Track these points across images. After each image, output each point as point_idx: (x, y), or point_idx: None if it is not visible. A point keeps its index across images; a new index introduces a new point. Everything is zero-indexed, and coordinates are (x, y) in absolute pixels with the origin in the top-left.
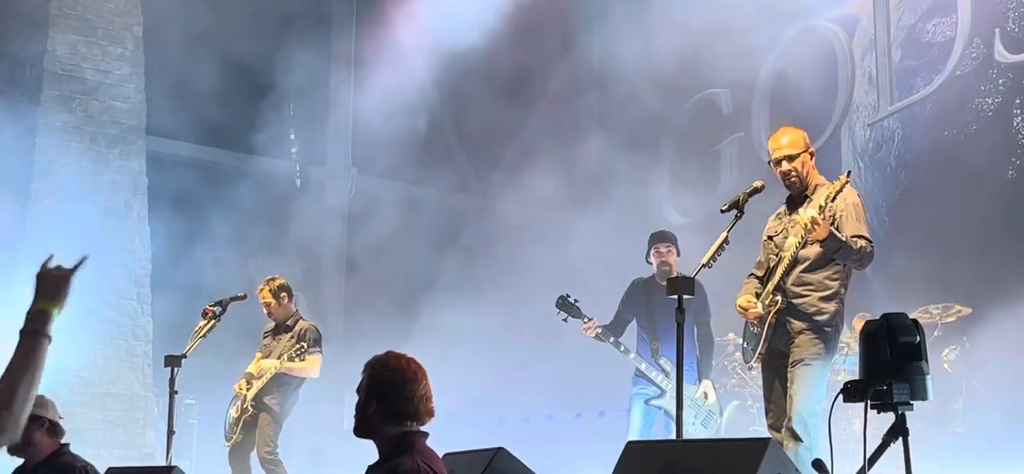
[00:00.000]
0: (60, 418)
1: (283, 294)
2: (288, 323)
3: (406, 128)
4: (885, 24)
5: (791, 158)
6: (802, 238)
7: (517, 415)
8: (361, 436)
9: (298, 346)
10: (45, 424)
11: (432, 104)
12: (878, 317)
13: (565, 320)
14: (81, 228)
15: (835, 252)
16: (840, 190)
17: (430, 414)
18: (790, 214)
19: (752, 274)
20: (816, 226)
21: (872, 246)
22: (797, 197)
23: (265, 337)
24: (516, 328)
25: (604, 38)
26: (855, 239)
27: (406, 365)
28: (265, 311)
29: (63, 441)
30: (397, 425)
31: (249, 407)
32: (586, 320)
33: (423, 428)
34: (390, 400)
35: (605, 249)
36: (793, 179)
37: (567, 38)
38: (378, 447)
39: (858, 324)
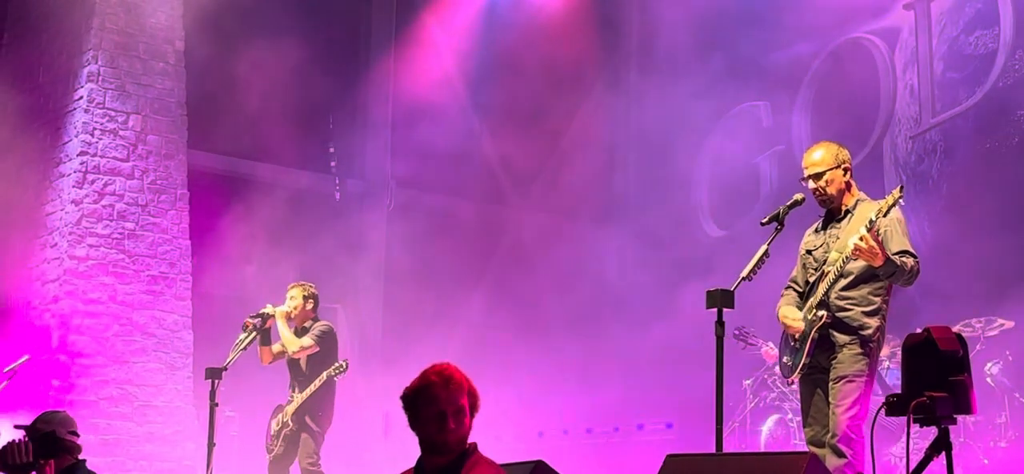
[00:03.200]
0: (78, 434)
1: (311, 302)
2: (305, 325)
3: (444, 140)
4: (927, 36)
5: (817, 176)
6: (847, 256)
7: (555, 428)
8: (454, 452)
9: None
10: (66, 443)
11: (470, 116)
12: (920, 331)
13: (743, 347)
14: (123, 238)
15: (889, 276)
16: (893, 205)
17: None
18: (827, 229)
19: (790, 287)
20: (873, 254)
21: (918, 262)
22: (835, 212)
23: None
24: (554, 340)
25: (643, 49)
26: (904, 258)
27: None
28: (287, 306)
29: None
30: (467, 436)
31: (289, 422)
32: (766, 347)
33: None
34: (474, 412)
35: (644, 261)
36: (822, 197)
37: (605, 49)
38: (446, 453)
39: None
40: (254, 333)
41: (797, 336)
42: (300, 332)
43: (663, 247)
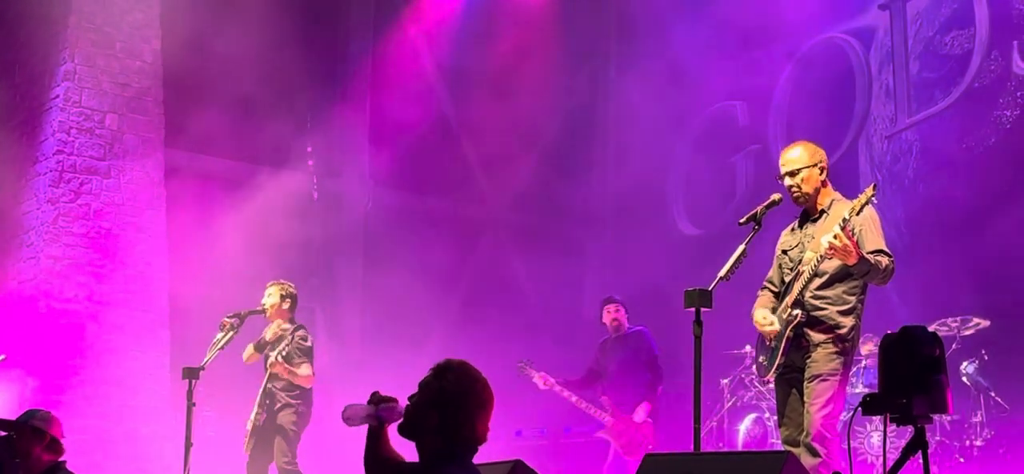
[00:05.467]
0: (62, 436)
1: (288, 301)
2: (282, 327)
3: (423, 140)
4: (902, 36)
5: (793, 173)
6: (821, 255)
7: (533, 428)
8: (408, 437)
9: (292, 348)
10: (46, 439)
11: (448, 115)
12: (897, 330)
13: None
14: (99, 237)
15: (864, 275)
16: (866, 203)
17: (482, 442)
18: (803, 228)
19: (766, 287)
20: (847, 253)
21: (893, 260)
22: (810, 211)
23: (263, 343)
24: (532, 340)
25: (621, 49)
26: (879, 257)
27: (482, 389)
28: (265, 307)
29: (60, 459)
30: (450, 444)
31: (263, 423)
32: (539, 375)
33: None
34: (455, 418)
35: (621, 261)
36: (797, 195)
37: (583, 49)
38: (420, 451)
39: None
40: (231, 333)
41: (772, 336)
42: (278, 336)
43: (640, 246)
